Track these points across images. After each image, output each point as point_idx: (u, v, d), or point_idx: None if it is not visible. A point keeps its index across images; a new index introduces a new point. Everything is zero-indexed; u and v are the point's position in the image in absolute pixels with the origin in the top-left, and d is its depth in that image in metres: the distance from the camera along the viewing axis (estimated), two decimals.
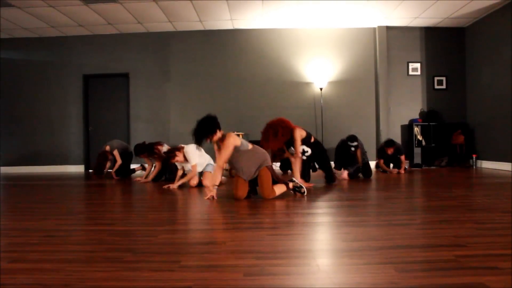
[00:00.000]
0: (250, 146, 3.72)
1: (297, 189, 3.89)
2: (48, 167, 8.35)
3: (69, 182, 6.09)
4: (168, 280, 1.55)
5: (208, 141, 3.64)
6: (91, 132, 8.52)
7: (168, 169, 5.71)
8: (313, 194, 4.06)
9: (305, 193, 3.85)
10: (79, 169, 8.32)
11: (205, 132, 3.57)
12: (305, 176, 4.78)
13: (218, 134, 3.64)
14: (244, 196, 3.70)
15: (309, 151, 4.75)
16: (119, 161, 6.53)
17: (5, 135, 8.42)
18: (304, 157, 4.74)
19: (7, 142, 8.42)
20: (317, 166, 5.32)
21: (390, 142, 6.34)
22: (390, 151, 6.30)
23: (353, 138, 5.60)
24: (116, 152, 6.53)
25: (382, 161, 6.53)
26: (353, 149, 5.57)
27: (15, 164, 8.37)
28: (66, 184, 5.72)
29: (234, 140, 3.61)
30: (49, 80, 8.38)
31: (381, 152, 6.55)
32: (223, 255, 1.90)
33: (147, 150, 5.78)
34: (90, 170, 8.26)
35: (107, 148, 6.56)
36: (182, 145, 5.01)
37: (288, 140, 4.62)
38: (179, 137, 8.01)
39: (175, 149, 4.94)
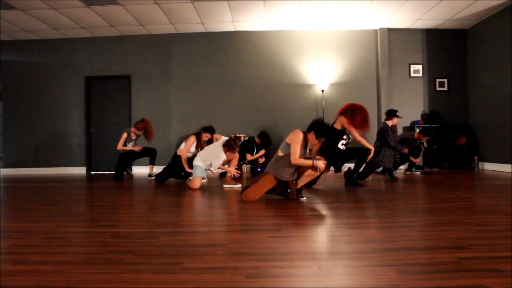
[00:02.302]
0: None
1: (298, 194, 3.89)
2: (50, 169, 8.36)
3: (71, 184, 6.10)
4: (170, 282, 1.55)
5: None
6: (93, 134, 8.53)
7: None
8: (315, 196, 4.05)
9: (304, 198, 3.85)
10: (81, 170, 8.33)
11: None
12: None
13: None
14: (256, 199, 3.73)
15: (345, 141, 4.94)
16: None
17: (7, 137, 8.45)
18: (341, 146, 4.92)
19: (9, 143, 8.44)
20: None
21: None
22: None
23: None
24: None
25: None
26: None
27: (17, 166, 8.38)
28: (67, 186, 5.73)
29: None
30: (51, 82, 8.41)
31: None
32: (224, 257, 1.90)
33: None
34: (92, 172, 8.31)
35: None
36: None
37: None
38: (181, 139, 8.04)
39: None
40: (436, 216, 2.87)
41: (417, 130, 7.37)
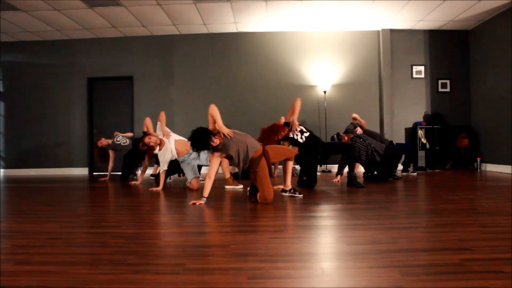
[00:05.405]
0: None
1: (291, 192, 3.99)
2: (52, 170, 8.38)
3: (73, 184, 6.11)
4: (172, 283, 1.55)
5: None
6: (95, 135, 8.54)
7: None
8: (317, 197, 4.05)
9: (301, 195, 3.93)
10: (83, 171, 8.35)
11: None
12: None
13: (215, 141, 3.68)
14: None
15: (306, 133, 4.87)
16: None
17: (9, 138, 8.47)
18: (301, 140, 4.81)
19: (11, 144, 8.47)
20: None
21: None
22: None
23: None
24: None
25: None
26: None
27: (19, 167, 8.40)
28: (70, 187, 5.74)
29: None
30: (54, 83, 8.43)
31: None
32: (227, 258, 1.90)
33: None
34: (94, 173, 8.33)
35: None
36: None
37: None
38: None
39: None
40: (439, 217, 2.86)
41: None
